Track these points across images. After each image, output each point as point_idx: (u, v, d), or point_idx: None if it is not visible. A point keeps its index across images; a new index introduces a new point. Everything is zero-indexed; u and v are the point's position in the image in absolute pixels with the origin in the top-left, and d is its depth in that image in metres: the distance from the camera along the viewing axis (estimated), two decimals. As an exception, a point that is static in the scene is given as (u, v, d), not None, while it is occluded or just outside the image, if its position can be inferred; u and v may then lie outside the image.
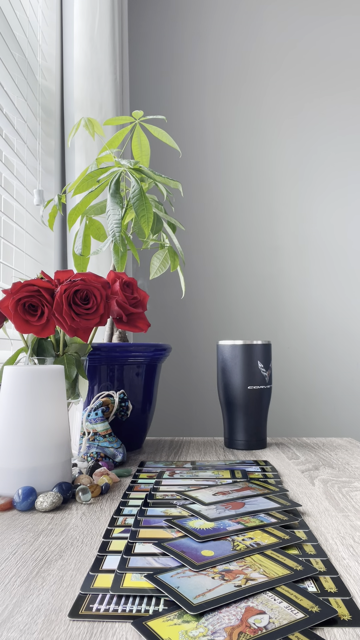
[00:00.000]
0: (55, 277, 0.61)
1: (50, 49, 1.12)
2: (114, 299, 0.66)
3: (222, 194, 1.48)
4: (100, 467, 0.60)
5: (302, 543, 0.39)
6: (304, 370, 1.44)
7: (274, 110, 1.49)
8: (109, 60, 1.12)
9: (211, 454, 0.74)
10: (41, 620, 0.28)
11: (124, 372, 0.75)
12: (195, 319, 1.45)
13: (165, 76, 1.50)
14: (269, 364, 0.78)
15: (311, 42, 1.49)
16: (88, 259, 0.83)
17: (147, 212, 0.70)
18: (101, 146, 1.06)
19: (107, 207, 0.72)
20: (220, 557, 0.35)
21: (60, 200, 0.86)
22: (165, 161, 1.45)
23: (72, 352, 0.64)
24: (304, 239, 1.47)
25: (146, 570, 0.34)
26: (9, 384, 0.51)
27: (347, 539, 0.40)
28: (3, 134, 0.92)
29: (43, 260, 1.07)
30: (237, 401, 0.77)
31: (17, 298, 0.56)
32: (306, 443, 0.83)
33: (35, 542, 0.40)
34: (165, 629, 0.27)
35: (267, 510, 0.45)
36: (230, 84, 1.50)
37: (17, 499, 0.48)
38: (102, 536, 0.41)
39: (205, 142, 1.49)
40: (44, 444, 0.50)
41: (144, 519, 0.44)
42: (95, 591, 0.31)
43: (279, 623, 0.27)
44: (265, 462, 0.67)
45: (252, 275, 1.46)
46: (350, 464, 0.67)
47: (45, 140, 1.08)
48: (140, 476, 0.60)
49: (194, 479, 0.57)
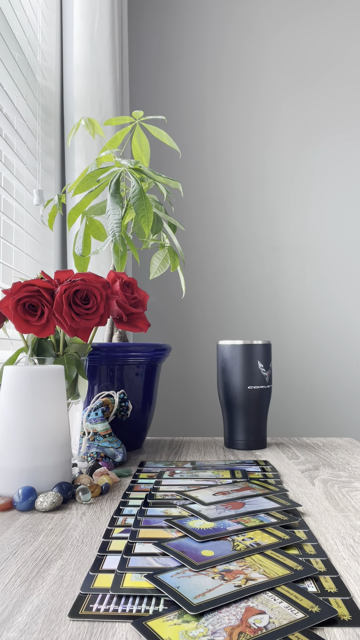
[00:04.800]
0: (55, 277, 0.61)
1: (50, 49, 1.12)
2: (114, 299, 0.66)
3: (222, 194, 1.48)
4: (100, 467, 0.60)
5: (302, 543, 0.39)
6: (304, 370, 1.44)
7: (274, 110, 1.49)
8: (108, 60, 1.12)
9: (211, 454, 0.74)
10: (41, 620, 0.28)
11: (124, 372, 0.75)
12: (195, 319, 1.45)
13: (165, 76, 1.50)
14: (269, 364, 0.78)
15: (312, 40, 1.49)
16: (88, 259, 0.83)
17: (147, 212, 0.70)
18: (101, 146, 1.06)
19: (107, 207, 0.72)
20: (220, 557, 0.35)
21: (60, 200, 0.86)
22: (165, 161, 1.45)
23: (72, 352, 0.64)
24: (303, 239, 1.47)
25: (146, 570, 0.34)
26: (9, 384, 0.51)
27: (347, 539, 0.40)
28: (3, 134, 0.92)
29: (43, 260, 1.07)
30: (237, 401, 0.77)
31: (17, 298, 0.56)
32: (306, 443, 0.83)
33: (35, 542, 0.40)
34: (165, 629, 0.27)
35: (267, 510, 0.45)
36: (230, 84, 1.50)
37: (17, 499, 0.48)
38: (102, 536, 0.41)
39: (205, 142, 1.49)
40: (44, 444, 0.50)
41: (144, 519, 0.44)
42: (95, 591, 0.31)
43: (279, 623, 0.27)
44: (265, 462, 0.67)
45: (252, 275, 1.46)
46: (350, 464, 0.67)
47: (45, 140, 1.08)
48: (140, 476, 0.60)
49: (194, 479, 0.57)
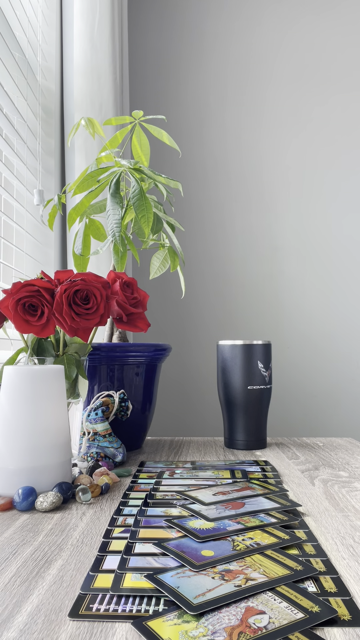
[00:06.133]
0: (55, 277, 0.61)
1: (50, 48, 1.12)
2: (114, 299, 0.66)
3: (222, 194, 1.48)
4: (100, 467, 0.60)
5: (302, 543, 0.39)
6: (304, 370, 1.44)
7: (274, 109, 1.49)
8: (108, 60, 1.12)
9: (211, 454, 0.74)
10: (41, 620, 0.28)
11: (124, 372, 0.75)
12: (195, 319, 1.45)
13: (165, 76, 1.50)
14: (269, 364, 0.78)
15: (313, 42, 1.49)
16: (88, 259, 0.83)
17: (147, 212, 0.70)
18: (101, 146, 1.06)
19: (107, 207, 0.72)
20: (220, 557, 0.35)
21: (60, 200, 0.86)
22: (165, 161, 1.45)
23: (72, 352, 0.64)
24: (303, 239, 1.47)
25: (146, 570, 0.34)
26: (9, 384, 0.51)
27: (347, 539, 0.40)
28: (3, 134, 0.92)
29: (43, 260, 1.07)
30: (237, 401, 0.77)
31: (17, 298, 0.56)
32: (306, 443, 0.83)
33: (35, 542, 0.40)
34: (165, 629, 0.27)
35: (267, 510, 0.45)
36: (230, 84, 1.50)
37: (17, 499, 0.48)
38: (102, 536, 0.41)
39: (205, 142, 1.49)
40: (43, 444, 0.50)
41: (144, 519, 0.44)
42: (95, 591, 0.31)
43: (279, 623, 0.27)
44: (265, 462, 0.67)
45: (252, 275, 1.46)
46: (350, 464, 0.67)
47: (45, 140, 1.08)
48: (140, 476, 0.60)
49: (194, 479, 0.57)
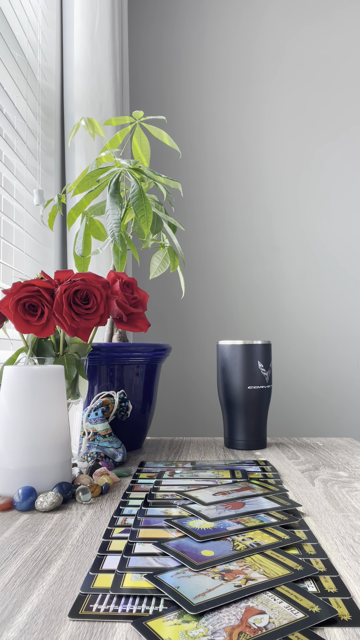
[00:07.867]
0: (55, 277, 0.61)
1: (50, 49, 1.12)
2: (114, 299, 0.66)
3: (222, 194, 1.48)
4: (100, 467, 0.60)
5: (302, 543, 0.39)
6: (304, 370, 1.44)
7: (274, 109, 1.49)
8: (109, 60, 1.12)
9: (211, 454, 0.74)
10: (41, 620, 0.28)
11: (124, 372, 0.75)
12: (195, 319, 1.45)
13: (165, 76, 1.50)
14: (269, 364, 0.78)
15: (314, 40, 1.49)
16: (89, 259, 0.83)
17: (147, 212, 0.70)
18: (101, 146, 1.06)
19: (107, 207, 0.72)
20: (220, 557, 0.35)
21: (60, 200, 0.86)
22: (165, 161, 1.45)
23: (72, 352, 0.64)
24: (303, 239, 1.47)
25: (146, 570, 0.34)
26: (9, 384, 0.51)
27: (347, 539, 0.40)
28: (3, 134, 0.92)
29: (43, 260, 1.07)
30: (237, 401, 0.77)
31: (17, 298, 0.56)
32: (306, 443, 0.83)
33: (35, 542, 0.40)
34: (165, 629, 0.27)
35: (267, 510, 0.45)
36: (230, 84, 1.50)
37: (17, 499, 0.48)
38: (102, 536, 0.41)
39: (205, 142, 1.49)
40: (44, 444, 0.50)
41: (144, 519, 0.44)
42: (95, 591, 0.31)
43: (279, 623, 0.27)
44: (265, 462, 0.67)
45: (252, 275, 1.46)
46: (350, 464, 0.67)
47: (45, 140, 1.08)
48: (140, 476, 0.60)
49: (194, 479, 0.57)
